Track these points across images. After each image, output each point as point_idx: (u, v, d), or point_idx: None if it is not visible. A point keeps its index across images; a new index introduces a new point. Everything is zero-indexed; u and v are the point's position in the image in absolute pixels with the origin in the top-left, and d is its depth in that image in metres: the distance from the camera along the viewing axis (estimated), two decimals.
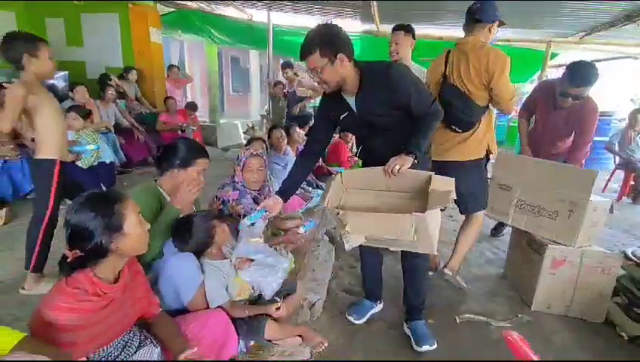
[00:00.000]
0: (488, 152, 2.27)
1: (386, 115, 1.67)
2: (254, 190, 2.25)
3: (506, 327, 2.07)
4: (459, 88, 2.11)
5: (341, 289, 2.42)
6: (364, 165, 1.95)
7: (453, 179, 1.59)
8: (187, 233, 1.54)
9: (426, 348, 1.83)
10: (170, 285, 1.46)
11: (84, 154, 3.70)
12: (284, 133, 3.75)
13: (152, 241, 1.30)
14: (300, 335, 1.66)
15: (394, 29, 2.71)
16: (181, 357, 1.24)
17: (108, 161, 4.08)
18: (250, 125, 7.78)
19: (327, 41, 1.52)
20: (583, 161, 2.85)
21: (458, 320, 2.11)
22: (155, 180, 1.75)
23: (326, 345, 1.69)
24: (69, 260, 1.07)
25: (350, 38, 1.59)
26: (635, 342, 1.98)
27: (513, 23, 5.18)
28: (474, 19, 2.08)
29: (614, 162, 5.50)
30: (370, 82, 1.63)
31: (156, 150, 1.98)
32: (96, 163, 3.86)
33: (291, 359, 1.59)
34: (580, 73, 2.43)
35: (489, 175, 2.44)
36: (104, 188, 3.78)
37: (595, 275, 2.11)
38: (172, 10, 6.16)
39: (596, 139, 6.77)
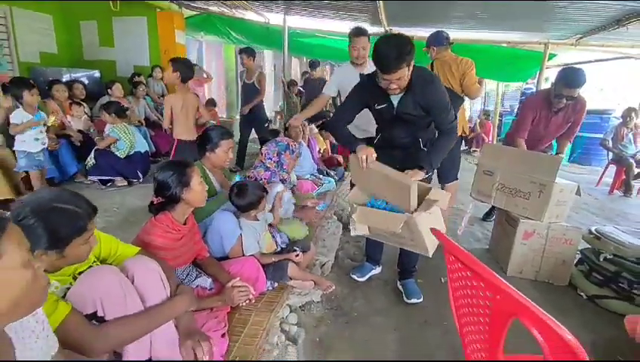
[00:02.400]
0: (462, 133, 3.06)
1: (416, 115, 1.92)
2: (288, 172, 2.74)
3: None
4: (446, 86, 2.57)
5: (347, 257, 2.86)
6: (380, 150, 2.00)
7: (450, 194, 1.90)
8: (246, 193, 2.05)
9: (414, 300, 2.24)
10: (217, 236, 1.93)
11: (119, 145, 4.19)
12: (304, 127, 4.22)
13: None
14: (313, 281, 2.12)
15: (356, 35, 2.77)
16: (229, 285, 1.70)
17: (143, 151, 4.58)
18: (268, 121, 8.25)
19: (409, 54, 1.68)
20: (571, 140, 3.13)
21: (443, 280, 2.53)
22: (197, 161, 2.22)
23: (333, 288, 2.15)
24: (155, 204, 1.55)
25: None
26: (591, 299, 2.38)
27: (513, 26, 5.53)
28: (448, 42, 3.16)
29: (608, 157, 5.81)
30: (417, 86, 1.83)
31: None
32: (132, 152, 4.36)
33: (305, 299, 2.05)
34: (572, 77, 2.75)
35: (476, 161, 2.89)
36: (140, 174, 4.31)
37: (560, 245, 2.52)
38: (195, 13, 6.65)
39: (593, 135, 7.10)
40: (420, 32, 6.06)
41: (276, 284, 2.03)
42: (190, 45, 8.69)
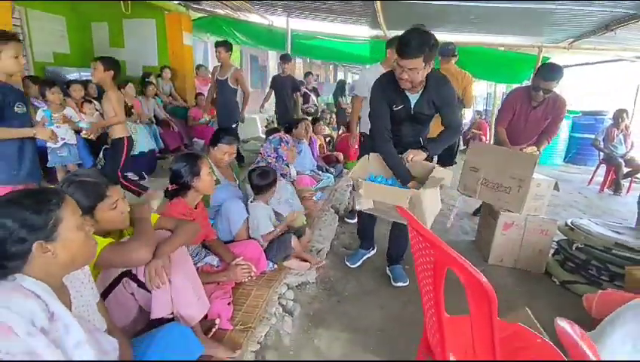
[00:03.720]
0: None
1: (428, 115, 2.06)
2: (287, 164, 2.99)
3: None
4: None
5: (342, 246, 3.10)
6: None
7: (451, 172, 2.08)
8: (267, 175, 2.36)
9: (400, 284, 2.46)
10: (225, 221, 2.18)
11: None
12: (308, 125, 4.46)
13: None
14: (307, 260, 2.37)
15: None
16: (234, 263, 1.95)
17: (147, 150, 4.80)
18: (270, 120, 8.50)
19: (430, 49, 1.74)
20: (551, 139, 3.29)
21: None
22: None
23: (324, 263, 2.45)
24: (170, 190, 1.81)
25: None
26: (563, 285, 2.61)
27: (508, 31, 5.74)
28: (453, 54, 3.60)
29: (599, 157, 6.01)
30: (432, 87, 1.96)
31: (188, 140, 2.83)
32: (136, 152, 4.56)
33: (301, 279, 2.29)
34: (549, 71, 2.96)
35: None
36: (145, 175, 4.53)
37: (536, 236, 2.74)
38: (202, 15, 6.91)
39: (588, 136, 7.27)
40: None
41: (276, 266, 2.28)
42: (196, 46, 8.94)
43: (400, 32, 5.66)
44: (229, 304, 1.77)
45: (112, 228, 1.39)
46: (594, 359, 0.58)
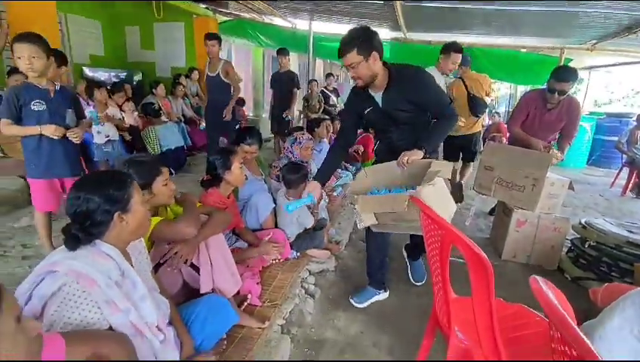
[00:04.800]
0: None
1: (407, 111, 1.89)
2: (306, 161, 3.16)
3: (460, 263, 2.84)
4: (477, 96, 3.77)
5: (359, 239, 3.25)
6: (380, 158, 2.12)
7: (452, 164, 1.89)
8: (298, 170, 2.54)
9: (418, 283, 2.46)
10: (254, 211, 2.39)
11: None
12: (329, 125, 4.62)
13: None
14: (329, 251, 2.55)
15: (455, 50, 3.45)
16: (266, 239, 2.18)
17: (174, 147, 5.09)
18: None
19: (363, 41, 1.71)
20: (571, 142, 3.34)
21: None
22: None
23: (342, 249, 2.63)
24: (205, 180, 2.03)
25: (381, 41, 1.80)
26: (574, 281, 2.69)
27: (529, 33, 5.75)
28: (469, 63, 3.99)
29: (622, 160, 5.94)
30: (398, 81, 1.85)
31: None
32: (164, 149, 4.86)
33: (321, 266, 2.47)
34: (563, 72, 3.05)
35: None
36: (173, 171, 4.80)
37: (549, 233, 2.83)
38: (228, 19, 7.20)
39: (612, 138, 7.18)
40: (437, 37, 6.39)
41: (299, 254, 2.47)
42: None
43: (420, 34, 5.91)
44: (257, 283, 1.97)
45: (162, 202, 1.62)
46: (563, 313, 0.69)
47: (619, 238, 2.56)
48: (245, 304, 1.83)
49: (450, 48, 3.43)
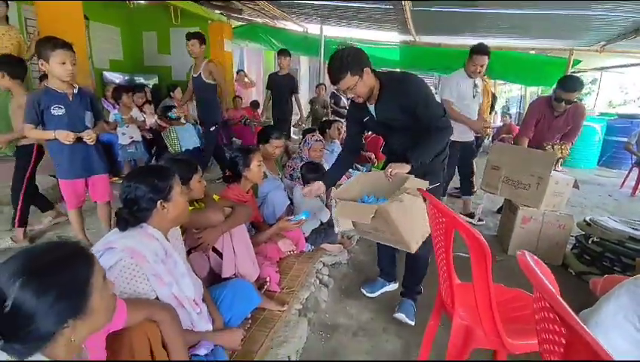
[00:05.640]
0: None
1: (399, 119, 1.87)
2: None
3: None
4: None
5: None
6: (388, 159, 2.13)
7: (427, 182, 1.78)
8: (317, 169, 2.74)
9: (401, 315, 2.06)
10: (270, 207, 2.55)
11: None
12: (341, 126, 4.77)
13: None
14: (342, 245, 2.70)
15: (477, 52, 3.36)
16: (284, 218, 2.34)
17: (192, 148, 5.30)
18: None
19: (352, 62, 1.71)
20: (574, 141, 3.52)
21: (455, 254, 3.01)
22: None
23: (353, 244, 2.78)
24: (226, 176, 2.21)
25: (365, 51, 1.81)
26: (578, 276, 2.79)
27: (538, 35, 5.83)
28: None
29: (631, 161, 5.96)
30: (388, 90, 1.83)
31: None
32: (183, 149, 5.07)
33: (335, 259, 2.62)
34: (569, 83, 3.18)
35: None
36: None
37: (554, 230, 2.94)
38: (242, 24, 7.42)
39: (623, 139, 7.19)
40: (446, 41, 6.50)
41: (313, 247, 2.62)
42: (233, 52, 9.47)
43: (429, 37, 6.05)
44: (276, 272, 2.14)
45: (196, 197, 1.81)
46: (546, 282, 0.79)
47: (622, 234, 2.65)
48: (264, 288, 2.00)
49: (472, 50, 3.39)
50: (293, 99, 5.48)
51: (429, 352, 1.66)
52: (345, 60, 1.71)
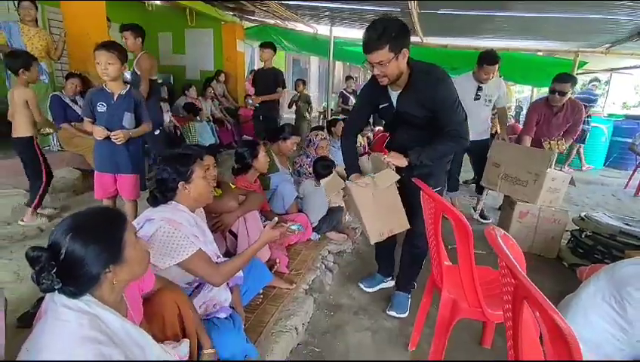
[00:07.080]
0: None
1: (419, 116, 1.76)
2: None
3: (483, 254, 3.11)
4: None
5: None
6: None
7: (398, 176, 1.84)
8: (329, 168, 2.95)
9: (393, 313, 2.11)
10: (280, 198, 2.75)
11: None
12: None
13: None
14: (346, 235, 2.89)
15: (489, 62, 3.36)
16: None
17: (207, 144, 5.55)
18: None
19: (396, 36, 1.53)
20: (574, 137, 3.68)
21: (449, 247, 3.18)
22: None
23: (357, 235, 2.96)
24: (235, 168, 2.41)
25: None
26: (571, 268, 2.93)
27: (544, 37, 5.91)
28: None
29: (636, 161, 6.03)
30: (417, 82, 1.69)
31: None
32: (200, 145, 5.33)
33: (340, 248, 2.81)
34: (561, 75, 3.39)
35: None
36: None
37: (549, 224, 3.08)
38: (254, 25, 7.65)
39: (629, 140, 7.24)
40: (453, 42, 6.63)
41: (319, 236, 2.82)
42: (246, 51, 9.71)
43: (436, 39, 6.07)
44: (285, 255, 2.34)
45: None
46: (508, 253, 0.91)
47: (613, 228, 2.79)
48: (274, 269, 2.20)
49: (482, 59, 3.40)
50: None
51: (423, 325, 1.84)
52: (388, 31, 1.54)
